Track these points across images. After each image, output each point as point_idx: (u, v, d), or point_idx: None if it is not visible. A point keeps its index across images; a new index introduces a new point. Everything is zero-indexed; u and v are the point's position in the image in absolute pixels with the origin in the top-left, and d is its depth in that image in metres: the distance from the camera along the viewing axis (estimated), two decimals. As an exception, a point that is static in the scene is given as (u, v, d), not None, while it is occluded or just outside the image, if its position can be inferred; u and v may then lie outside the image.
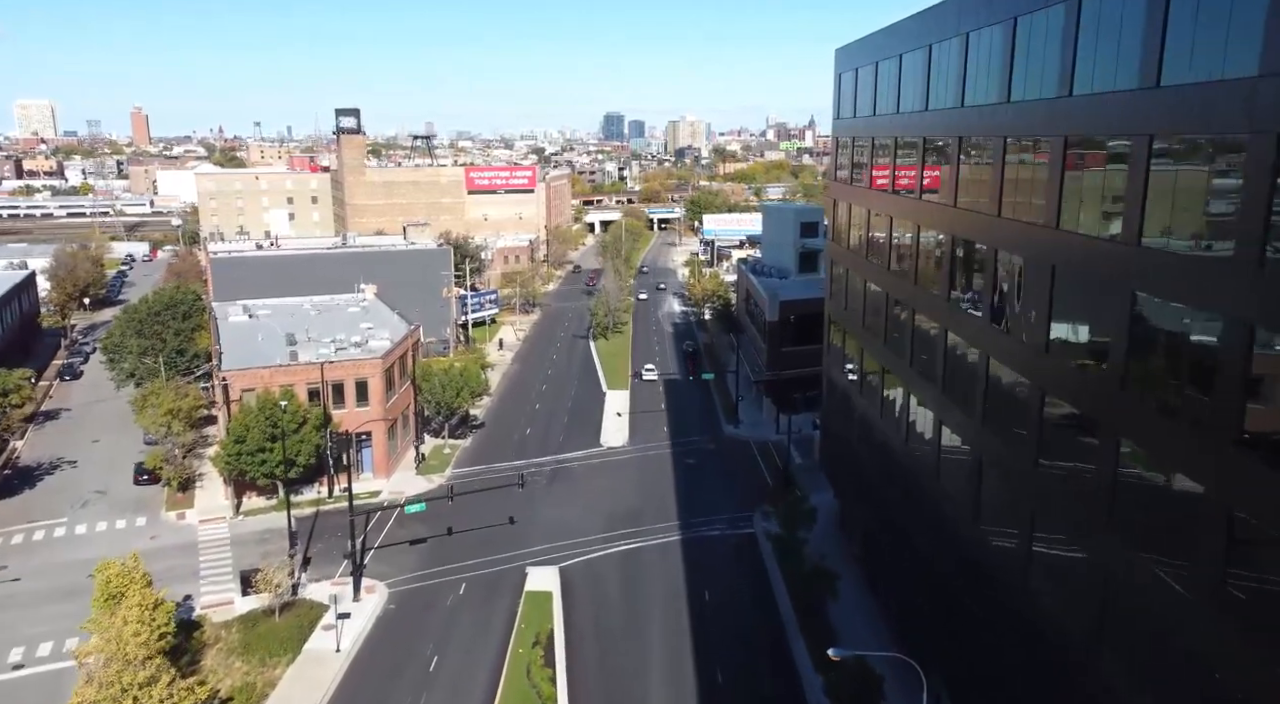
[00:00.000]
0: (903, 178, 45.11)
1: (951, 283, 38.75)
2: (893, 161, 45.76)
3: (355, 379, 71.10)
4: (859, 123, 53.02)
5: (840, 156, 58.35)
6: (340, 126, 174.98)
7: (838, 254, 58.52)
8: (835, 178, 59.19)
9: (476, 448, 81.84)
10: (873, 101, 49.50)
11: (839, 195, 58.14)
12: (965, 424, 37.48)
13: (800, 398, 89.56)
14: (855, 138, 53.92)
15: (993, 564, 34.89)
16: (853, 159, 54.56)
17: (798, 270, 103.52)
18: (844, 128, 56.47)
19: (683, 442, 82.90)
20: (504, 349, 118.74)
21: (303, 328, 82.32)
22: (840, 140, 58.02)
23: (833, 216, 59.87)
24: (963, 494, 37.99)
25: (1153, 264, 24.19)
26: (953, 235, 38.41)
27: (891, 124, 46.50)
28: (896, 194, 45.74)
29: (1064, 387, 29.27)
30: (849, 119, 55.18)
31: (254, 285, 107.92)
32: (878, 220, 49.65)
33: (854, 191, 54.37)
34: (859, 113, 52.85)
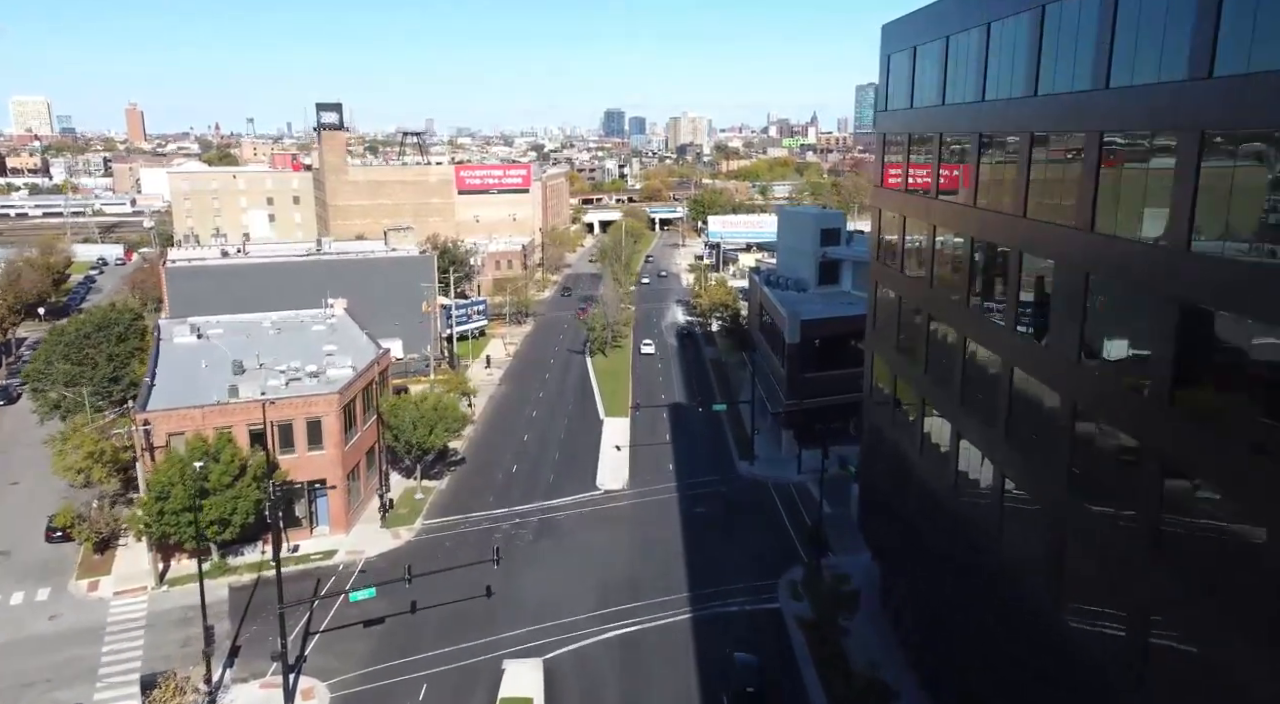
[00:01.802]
0: (989, 185, 34.30)
1: (1082, 330, 27.97)
2: (975, 163, 34.89)
3: (307, 418, 60.35)
4: (917, 115, 42.22)
5: (888, 156, 47.52)
6: (321, 122, 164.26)
7: (884, 276, 47.73)
8: (881, 183, 48.36)
9: (454, 491, 71.11)
10: (940, 86, 38.67)
11: (886, 204, 47.34)
12: (1046, 488, 26.92)
13: (825, 429, 79.08)
14: (913, 133, 43.09)
15: (1088, 663, 24.85)
16: (908, 160, 43.72)
17: (817, 282, 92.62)
18: (895, 121, 45.67)
19: (690, 483, 72.19)
20: (491, 367, 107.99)
21: (257, 351, 71.89)
22: (889, 137, 47.21)
23: (876, 229, 49.08)
24: (1039, 573, 29.18)
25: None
26: (1085, 269, 27.63)
27: (971, 116, 35.67)
28: (978, 209, 34.92)
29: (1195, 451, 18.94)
30: (902, 110, 44.40)
31: (214, 299, 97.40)
32: (946, 238, 38.88)
33: (908, 201, 43.58)
34: (919, 101, 42.03)
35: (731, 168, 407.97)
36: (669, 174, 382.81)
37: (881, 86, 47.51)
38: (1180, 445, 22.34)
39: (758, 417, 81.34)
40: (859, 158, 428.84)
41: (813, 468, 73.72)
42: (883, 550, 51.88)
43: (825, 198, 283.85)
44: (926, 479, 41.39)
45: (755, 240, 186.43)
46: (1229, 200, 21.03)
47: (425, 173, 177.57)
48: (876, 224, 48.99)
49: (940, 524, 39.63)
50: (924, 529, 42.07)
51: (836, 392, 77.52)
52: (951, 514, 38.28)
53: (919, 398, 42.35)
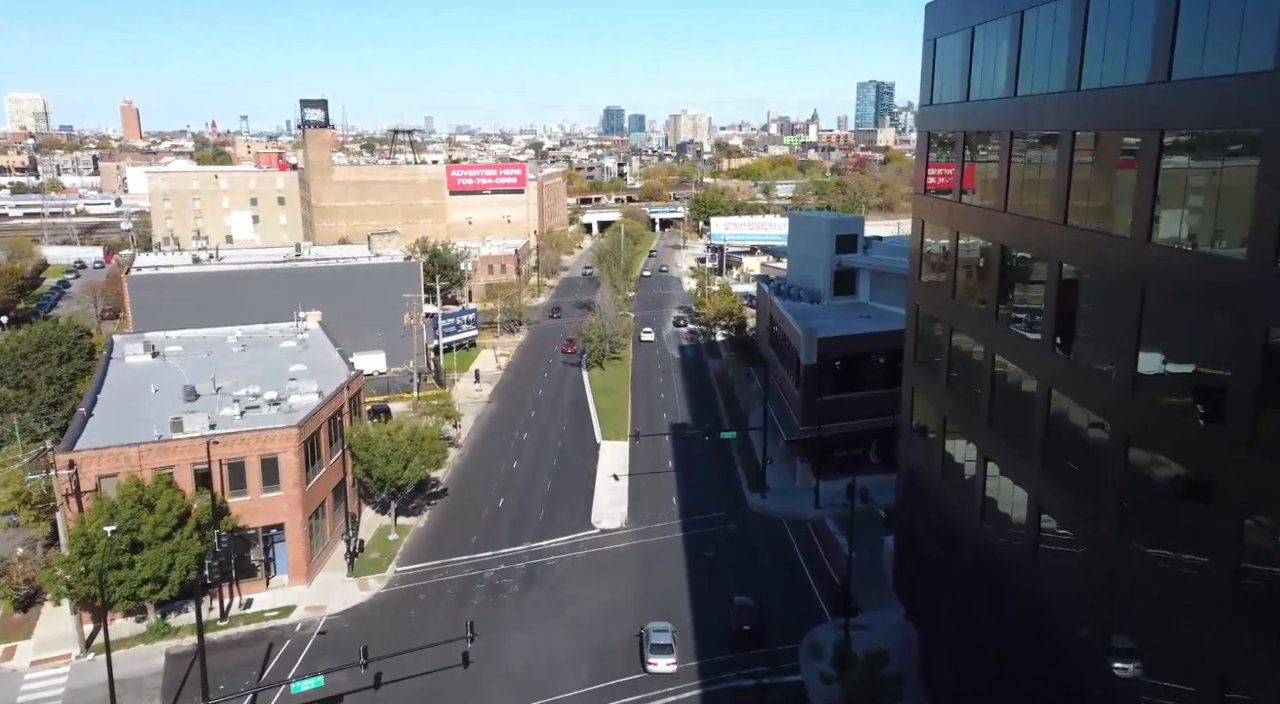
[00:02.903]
0: (1085, 197, 27.00)
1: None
2: (1066, 168, 27.56)
3: (261, 456, 53.02)
4: (976, 109, 34.92)
5: (934, 158, 40.20)
6: (306, 119, 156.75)
7: (929, 300, 40.42)
8: (923, 189, 41.04)
9: (433, 530, 63.83)
10: (1011, 73, 31.33)
11: (931, 216, 40.03)
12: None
13: (844, 458, 71.87)
14: (969, 131, 35.76)
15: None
16: (962, 163, 36.38)
17: (832, 293, 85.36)
18: (944, 117, 38.38)
19: (696, 520, 64.94)
20: (481, 382, 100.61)
21: (215, 373, 64.70)
22: (935, 135, 39.89)
23: (918, 245, 41.76)
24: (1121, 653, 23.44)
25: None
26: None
27: (1059, 109, 28.36)
28: (1068, 228, 27.59)
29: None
30: (954, 104, 37.10)
31: (181, 310, 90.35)
32: (1017, 260, 31.60)
33: (963, 213, 36.27)
34: (979, 92, 34.72)
35: (732, 166, 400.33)
36: (669, 173, 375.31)
37: (925, 77, 40.21)
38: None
39: (768, 441, 73.99)
40: (862, 156, 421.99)
41: (831, 502, 66.80)
42: (923, 614, 44.71)
43: (830, 198, 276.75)
44: (983, 539, 34.18)
45: (760, 243, 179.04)
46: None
47: (415, 173, 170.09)
48: (918, 238, 41.67)
49: (1000, 590, 32.47)
50: (978, 595, 34.97)
51: (856, 416, 70.48)
52: (1015, 579, 31.16)
53: (974, 446, 35.08)
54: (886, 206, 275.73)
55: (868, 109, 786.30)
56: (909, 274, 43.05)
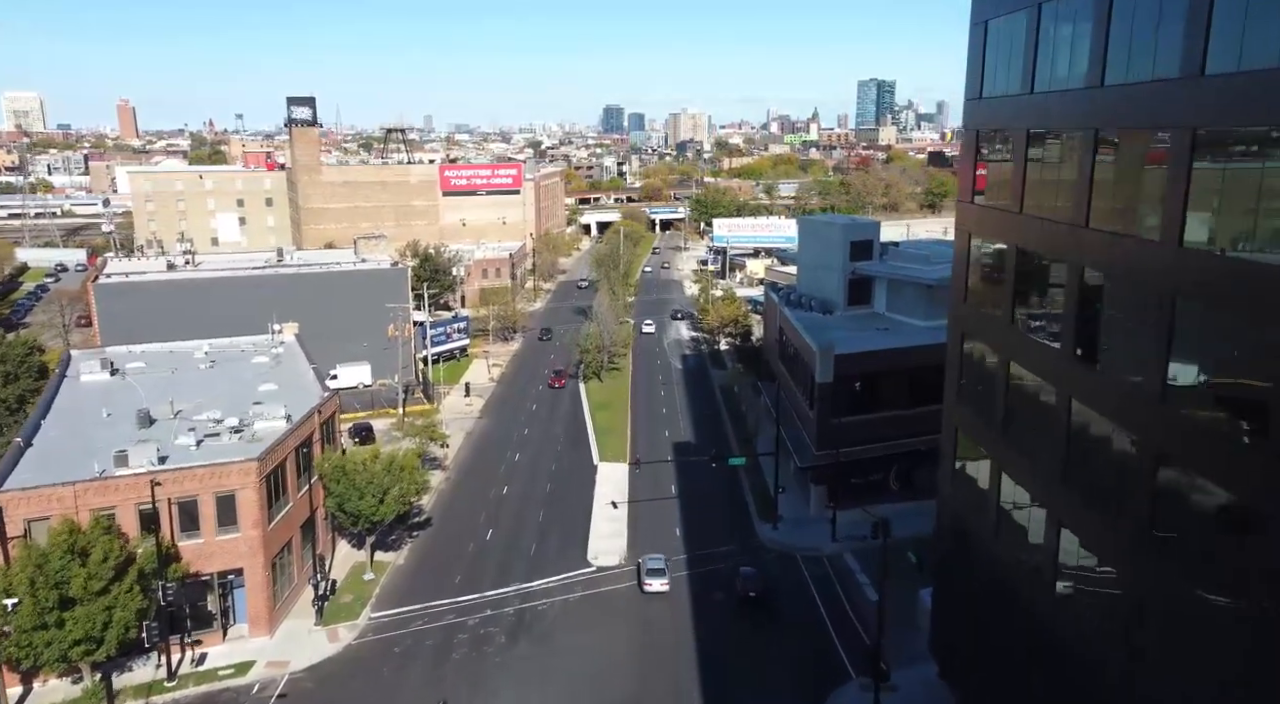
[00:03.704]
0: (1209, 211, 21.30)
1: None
2: (1184, 176, 21.84)
3: (217, 493, 47.31)
4: (1045, 102, 29.22)
5: (986, 159, 34.47)
6: (293, 117, 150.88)
7: (977, 327, 34.73)
8: (970, 196, 35.32)
9: (413, 568, 58.15)
10: (1098, 58, 25.63)
11: (983, 228, 34.34)
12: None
13: (862, 484, 66.23)
14: (1032, 130, 30.03)
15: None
16: (1025, 167, 30.64)
17: (846, 303, 79.58)
18: (1000, 112, 32.68)
19: (703, 556, 59.25)
20: (471, 396, 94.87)
21: (175, 395, 59.09)
22: (986, 133, 34.17)
23: (963, 261, 36.06)
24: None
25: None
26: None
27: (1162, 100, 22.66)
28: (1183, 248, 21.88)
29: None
30: (1012, 97, 31.41)
31: (153, 321, 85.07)
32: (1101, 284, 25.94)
33: (1022, 225, 30.57)
34: (1047, 82, 29.01)
35: (733, 165, 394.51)
36: (669, 172, 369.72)
37: (973, 66, 34.51)
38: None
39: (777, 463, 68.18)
40: (864, 155, 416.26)
41: (849, 533, 61.14)
42: (961, 674, 39.10)
43: (834, 198, 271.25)
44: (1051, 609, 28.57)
45: (764, 245, 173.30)
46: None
47: (407, 173, 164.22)
48: (963, 252, 35.96)
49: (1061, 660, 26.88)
50: (1033, 660, 29.40)
51: (875, 439, 64.86)
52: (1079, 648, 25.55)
53: (1044, 509, 29.40)
54: (892, 207, 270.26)
55: (868, 107, 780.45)
56: (951, 294, 37.36)
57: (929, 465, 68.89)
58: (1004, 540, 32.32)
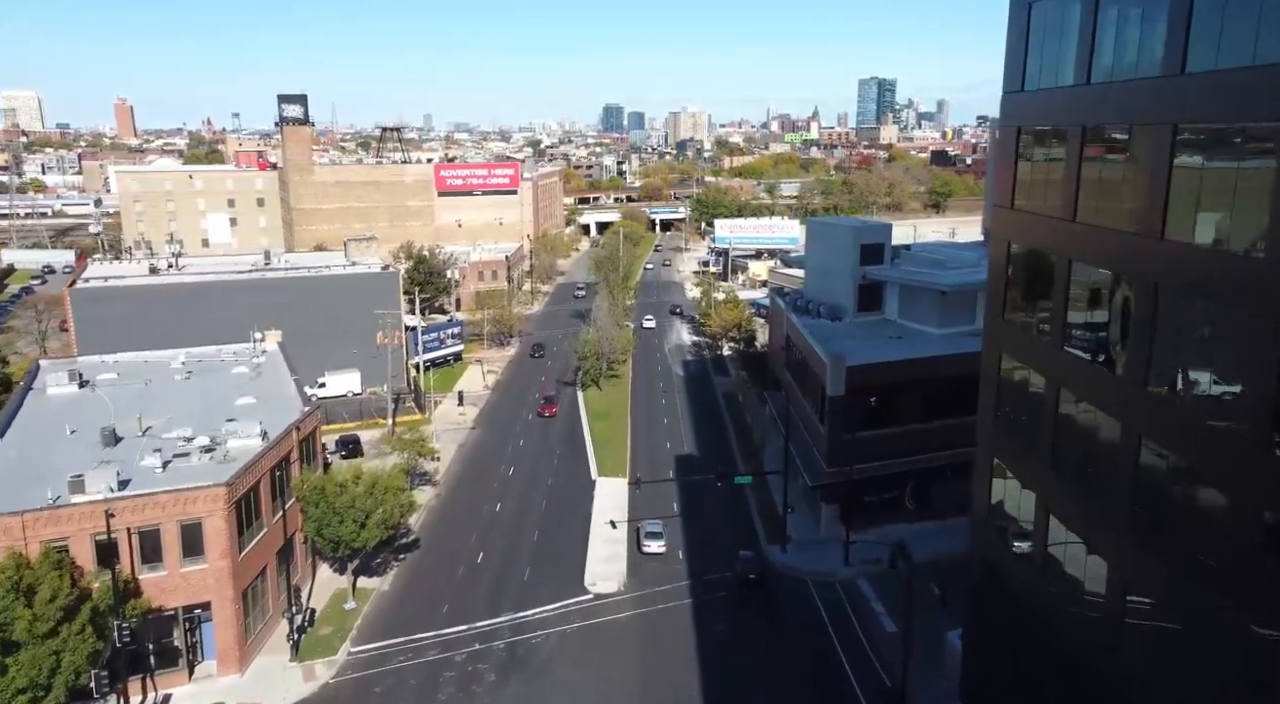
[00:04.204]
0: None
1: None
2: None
3: (181, 521, 43.64)
4: (1105, 94, 25.53)
5: (1029, 160, 30.79)
6: (284, 115, 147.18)
7: (1019, 347, 31.06)
8: (1010, 201, 31.62)
9: (398, 594, 54.48)
10: (1177, 43, 21.94)
11: (1026, 237, 30.65)
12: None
13: (875, 503, 62.65)
14: (1091, 125, 26.33)
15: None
16: (1078, 169, 26.95)
17: (856, 309, 75.88)
18: (1047, 107, 29.02)
19: (708, 582, 55.58)
20: (465, 405, 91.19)
21: (149, 408, 55.66)
22: (1029, 130, 30.48)
23: (1001, 274, 32.37)
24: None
25: None
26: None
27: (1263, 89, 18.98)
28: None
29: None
30: (1065, 88, 27.73)
31: (132, 328, 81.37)
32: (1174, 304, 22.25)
33: (1078, 235, 26.91)
34: (1106, 72, 25.34)
35: (734, 164, 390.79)
36: (669, 171, 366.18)
37: (1013, 55, 30.84)
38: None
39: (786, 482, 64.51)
40: (866, 154, 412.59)
41: (863, 556, 57.45)
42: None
43: (837, 197, 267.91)
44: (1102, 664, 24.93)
45: (767, 246, 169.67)
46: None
47: (401, 172, 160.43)
48: (1001, 264, 32.27)
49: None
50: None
51: (889, 455, 61.23)
52: None
53: (1090, 544, 25.75)
54: (895, 206, 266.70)
55: (869, 106, 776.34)
56: (987, 310, 33.65)
57: (945, 482, 65.59)
58: (1052, 590, 28.66)
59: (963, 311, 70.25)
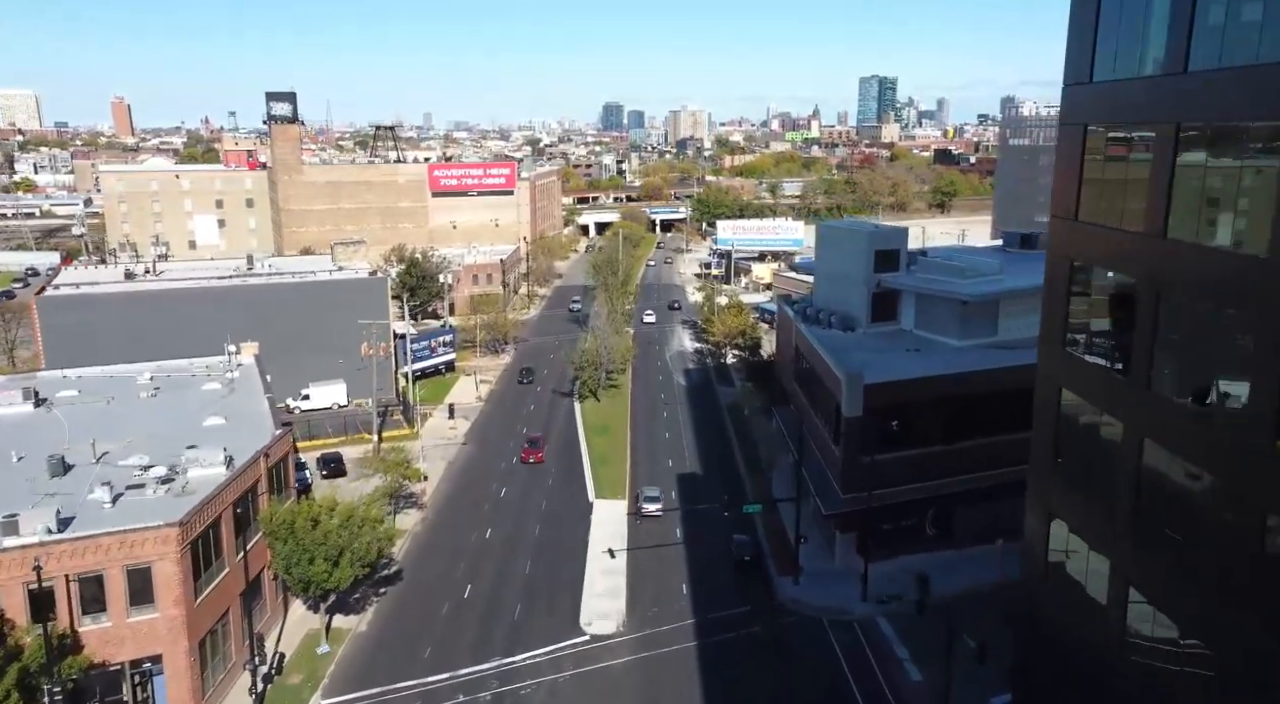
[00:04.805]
0: None
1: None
2: None
3: (127, 566, 39.11)
4: (1195, 86, 20.97)
5: (1097, 162, 26.23)
6: (272, 113, 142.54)
7: (1081, 381, 26.51)
8: (1074, 211, 27.04)
9: (376, 635, 49.91)
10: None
11: (1095, 255, 26.09)
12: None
13: (893, 530, 58.09)
14: (1187, 123, 21.76)
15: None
16: (1170, 175, 22.37)
17: (870, 318, 71.32)
18: (1126, 101, 24.45)
19: (714, 620, 51.03)
20: (455, 418, 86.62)
21: (108, 431, 51.31)
22: (1097, 131, 25.92)
23: (1064, 296, 27.77)
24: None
25: None
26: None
27: None
28: None
29: None
30: (1149, 79, 23.17)
31: (105, 339, 77.43)
32: None
33: (1164, 254, 22.35)
34: (1206, 60, 20.75)
35: (735, 163, 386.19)
36: (669, 170, 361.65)
37: (1078, 40, 26.31)
38: None
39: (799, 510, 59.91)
40: (868, 153, 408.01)
41: (882, 590, 53.06)
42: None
43: (840, 197, 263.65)
44: None
45: (771, 248, 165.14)
46: None
47: (394, 172, 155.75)
48: (1061, 286, 27.70)
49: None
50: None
51: (910, 479, 56.74)
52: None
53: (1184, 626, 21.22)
54: (900, 206, 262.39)
55: (870, 105, 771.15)
56: (1042, 338, 29.05)
57: (967, 508, 61.07)
58: (1132, 677, 24.12)
59: (984, 323, 65.84)
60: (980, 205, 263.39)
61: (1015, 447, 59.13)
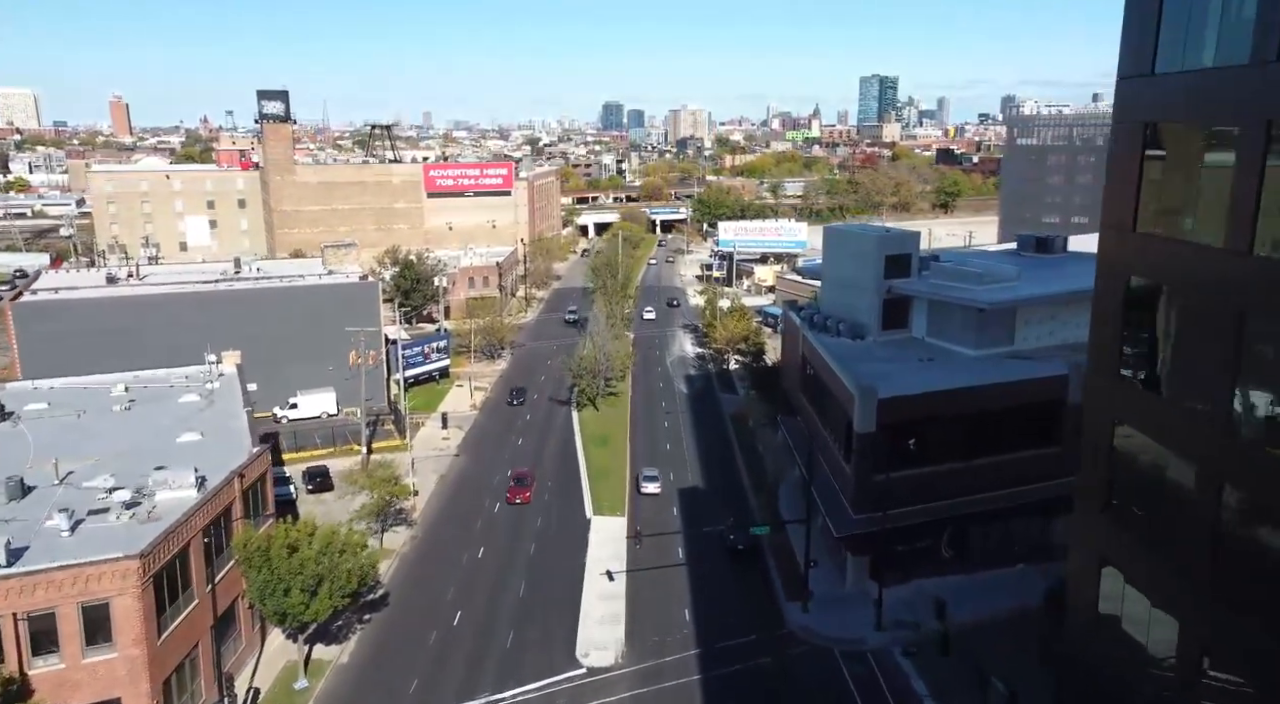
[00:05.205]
0: None
1: None
2: None
3: (82, 603, 36.00)
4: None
5: (1162, 166, 23.10)
6: (264, 112, 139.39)
7: (1150, 420, 23.30)
8: (1131, 222, 23.90)
9: (359, 668, 46.82)
10: None
11: (1159, 272, 22.93)
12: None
13: (908, 553, 54.96)
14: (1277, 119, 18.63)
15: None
16: (1258, 181, 19.24)
17: (880, 327, 68.19)
18: (1196, 96, 21.30)
19: (720, 651, 47.93)
20: (449, 428, 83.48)
21: (75, 448, 48.31)
22: (1162, 129, 22.77)
23: (1118, 315, 24.63)
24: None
25: None
26: None
27: None
28: None
29: None
30: (1229, 70, 20.03)
31: (84, 347, 74.33)
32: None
33: (1252, 275, 19.21)
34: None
35: (735, 163, 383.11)
36: (669, 170, 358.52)
37: (1138, 26, 23.18)
38: None
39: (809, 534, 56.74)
40: (870, 153, 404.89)
41: (898, 618, 50.19)
42: None
43: (842, 197, 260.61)
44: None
45: (774, 250, 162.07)
46: None
47: (389, 172, 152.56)
48: (1115, 304, 24.58)
49: None
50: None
51: (926, 498, 53.58)
52: None
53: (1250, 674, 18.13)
54: (903, 207, 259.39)
55: (870, 104, 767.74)
56: (1093, 364, 25.91)
57: (985, 528, 57.98)
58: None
59: (1000, 331, 62.74)
60: (984, 206, 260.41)
61: (1036, 463, 56.36)
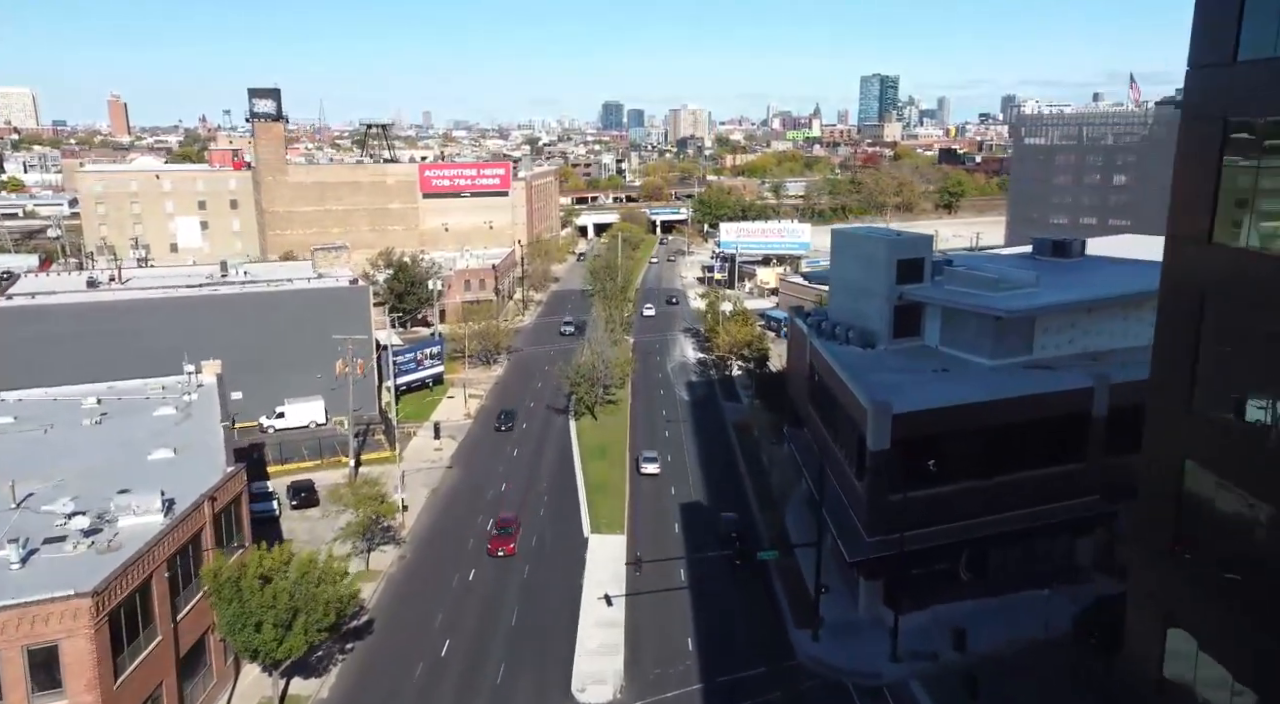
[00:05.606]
0: None
1: None
2: None
3: (27, 645, 32.87)
4: None
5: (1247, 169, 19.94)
6: (255, 110, 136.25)
7: (1231, 462, 20.14)
8: (1208, 234, 20.73)
9: (341, 702, 43.69)
10: None
11: (1243, 291, 19.76)
12: None
13: (924, 576, 51.80)
14: None
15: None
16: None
17: (892, 334, 65.00)
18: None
19: (725, 685, 44.82)
20: (441, 438, 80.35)
21: (38, 466, 45.42)
22: (1246, 126, 19.62)
23: (1190, 336, 21.47)
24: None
25: None
26: None
27: None
28: None
29: None
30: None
31: (63, 354, 71.51)
32: None
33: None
34: None
35: (736, 163, 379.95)
36: (669, 169, 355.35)
37: (1217, 10, 19.95)
38: None
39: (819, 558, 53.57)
40: (871, 152, 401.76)
41: (914, 648, 47.11)
42: None
43: (845, 197, 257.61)
44: None
45: (776, 252, 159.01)
46: None
47: (383, 173, 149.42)
48: (1186, 322, 21.44)
49: None
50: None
51: (941, 519, 50.54)
52: None
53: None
54: (906, 207, 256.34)
55: (871, 103, 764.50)
56: (1157, 392, 22.77)
57: (1004, 550, 54.91)
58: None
59: (1018, 340, 59.69)
60: (988, 206, 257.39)
61: (1060, 480, 53.31)
